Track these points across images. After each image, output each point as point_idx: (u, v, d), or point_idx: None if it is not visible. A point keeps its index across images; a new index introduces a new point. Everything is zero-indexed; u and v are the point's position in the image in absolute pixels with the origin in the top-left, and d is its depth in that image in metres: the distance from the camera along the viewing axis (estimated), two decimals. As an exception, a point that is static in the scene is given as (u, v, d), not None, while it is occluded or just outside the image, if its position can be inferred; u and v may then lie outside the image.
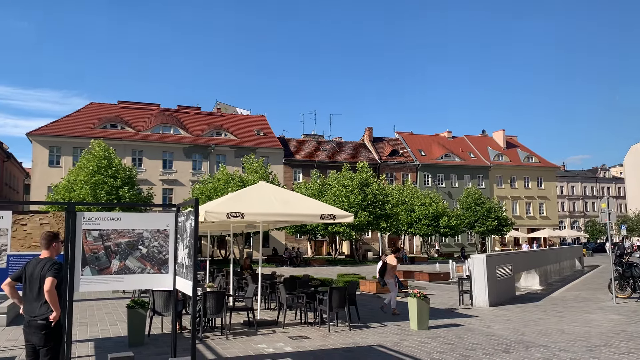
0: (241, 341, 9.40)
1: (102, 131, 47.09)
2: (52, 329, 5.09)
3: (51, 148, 45.74)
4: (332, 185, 42.43)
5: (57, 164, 45.65)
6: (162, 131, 50.44)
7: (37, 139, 45.43)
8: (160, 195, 47.44)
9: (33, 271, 5.19)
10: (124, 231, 7.05)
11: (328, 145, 59.69)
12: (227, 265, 30.42)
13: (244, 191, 12.43)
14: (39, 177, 44.93)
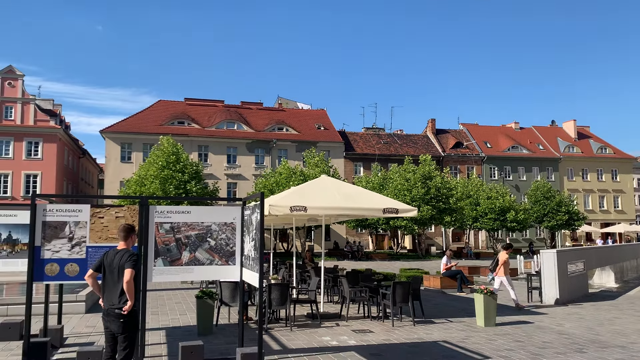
0: (305, 333, 9.51)
1: (170, 128, 48.86)
2: (130, 318, 5.33)
3: (123, 144, 47.94)
4: (393, 179, 42.01)
5: (128, 160, 47.81)
6: (226, 127, 51.71)
7: (109, 136, 47.75)
8: (225, 189, 48.69)
9: (112, 261, 5.45)
10: (194, 224, 7.29)
11: (389, 138, 59.14)
12: (289, 258, 30.84)
13: (306, 185, 12.53)
14: (112, 172, 47.24)
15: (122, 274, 5.31)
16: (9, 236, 8.99)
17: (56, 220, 6.89)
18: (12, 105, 46.20)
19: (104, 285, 5.51)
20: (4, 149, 45.66)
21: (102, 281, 5.54)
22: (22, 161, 45.79)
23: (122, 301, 5.30)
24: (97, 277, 5.60)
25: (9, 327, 8.73)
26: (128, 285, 5.20)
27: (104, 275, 5.50)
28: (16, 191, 45.38)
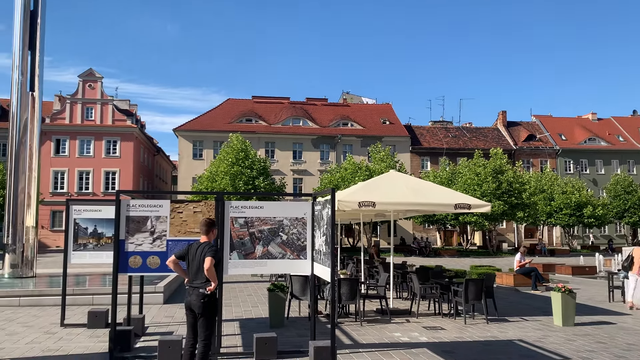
0: (375, 328, 9.51)
1: (239, 125, 50.14)
2: (210, 300, 5.59)
3: (194, 142, 49.69)
4: (462, 174, 41.03)
5: (199, 157, 49.51)
6: (292, 123, 52.42)
7: (182, 134, 49.63)
8: (291, 185, 49.39)
9: (195, 253, 5.73)
10: (266, 219, 7.46)
11: (457, 131, 57.78)
12: (355, 253, 30.86)
13: (374, 180, 12.49)
14: (185, 169, 49.09)
15: (203, 264, 5.57)
16: (95, 230, 9.58)
17: (139, 215, 7.26)
18: (92, 106, 48.98)
19: (189, 275, 5.80)
20: (86, 148, 48.49)
21: (187, 271, 5.84)
22: (102, 159, 48.48)
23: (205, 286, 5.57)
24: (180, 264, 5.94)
25: (96, 316, 9.30)
26: (209, 272, 5.46)
27: (188, 265, 5.80)
28: (97, 187, 48.12)
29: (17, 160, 16.48)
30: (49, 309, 11.30)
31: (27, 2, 16.65)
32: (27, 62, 16.65)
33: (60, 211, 46.49)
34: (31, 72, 16.75)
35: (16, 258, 16.21)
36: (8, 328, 9.26)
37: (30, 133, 16.68)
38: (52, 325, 9.47)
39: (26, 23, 16.59)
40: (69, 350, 7.63)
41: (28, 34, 16.62)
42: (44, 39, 17.06)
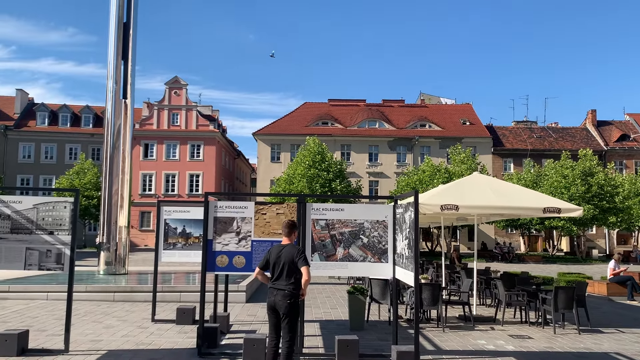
0: (459, 335, 9.24)
1: (315, 128, 50.69)
2: (295, 301, 5.67)
3: (272, 145, 50.81)
4: (549, 176, 39.06)
5: (277, 160, 50.56)
6: (368, 125, 52.29)
7: (261, 138, 50.92)
8: (367, 188, 49.25)
9: (278, 256, 5.79)
10: (347, 221, 7.46)
11: (543, 131, 55.14)
12: (433, 258, 30.26)
13: (457, 183, 12.17)
14: (263, 172, 50.31)
15: (289, 266, 5.63)
16: (183, 230, 10.01)
17: (225, 216, 7.50)
18: (177, 112, 51.41)
19: (272, 277, 5.86)
20: (172, 152, 50.94)
21: (270, 273, 5.88)
22: (187, 162, 50.74)
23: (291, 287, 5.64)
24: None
25: (184, 312, 9.70)
26: (306, 284, 5.61)
27: (271, 270, 5.85)
28: (182, 189, 50.40)
29: (112, 163, 17.58)
30: (140, 305, 11.93)
31: (120, 14, 17.75)
32: (120, 71, 17.74)
33: (148, 212, 49.18)
34: (124, 80, 17.82)
35: (110, 256, 17.28)
36: (105, 321, 9.87)
37: (123, 138, 17.75)
38: (144, 320, 9.99)
39: (119, 34, 17.69)
40: (159, 344, 8.00)
41: (121, 45, 17.71)
42: (135, 49, 18.11)
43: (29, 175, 51.02)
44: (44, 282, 13.59)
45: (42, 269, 7.50)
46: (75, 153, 51.35)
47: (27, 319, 10.05)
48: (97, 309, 11.35)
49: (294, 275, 5.66)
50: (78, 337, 8.35)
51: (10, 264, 7.44)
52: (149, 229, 49.30)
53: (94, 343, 8.00)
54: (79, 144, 52.14)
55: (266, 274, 5.96)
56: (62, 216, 7.53)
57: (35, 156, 51.69)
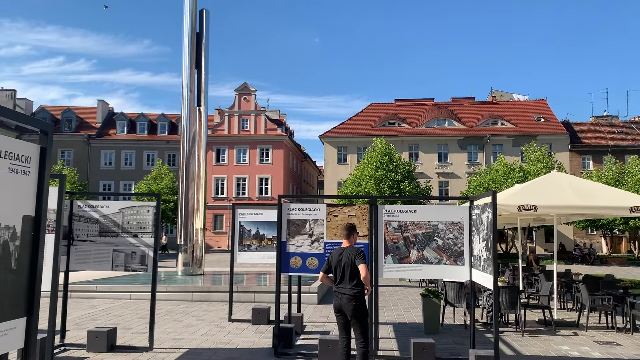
0: (539, 340, 8.87)
1: (382, 129, 50.35)
2: (361, 303, 5.67)
3: (339, 147, 50.96)
4: (633, 173, 36.70)
5: (344, 162, 50.64)
6: (436, 125, 51.33)
7: (327, 140, 51.20)
8: (437, 188, 48.30)
9: (339, 259, 5.85)
10: (421, 223, 7.36)
11: (625, 126, 51.90)
12: (508, 260, 29.23)
13: (535, 182, 11.70)
14: (330, 174, 50.54)
15: (351, 268, 5.66)
16: (257, 232, 10.23)
17: (298, 218, 7.61)
18: (247, 117, 52.71)
19: (336, 280, 5.92)
20: (242, 156, 52.28)
21: (333, 276, 5.96)
22: (256, 166, 51.89)
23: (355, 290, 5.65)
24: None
25: (259, 312, 9.92)
26: (366, 279, 5.58)
27: (335, 272, 5.91)
28: (252, 192, 51.58)
29: (187, 168, 18.29)
30: (216, 304, 12.32)
31: (193, 25, 18.46)
32: (194, 79, 18.44)
33: (220, 215, 50.72)
34: (198, 88, 18.51)
35: (187, 257, 17.97)
36: (185, 320, 10.27)
37: (197, 144, 18.43)
38: (221, 320, 10.31)
39: (193, 44, 18.39)
40: (237, 343, 8.23)
41: (195, 54, 18.40)
42: (208, 58, 18.76)
43: (110, 181, 54.00)
44: (126, 282, 14.33)
45: (127, 270, 7.91)
46: (152, 159, 53.82)
47: (114, 317, 10.63)
48: (176, 308, 11.83)
49: (356, 277, 5.70)
50: (161, 335, 8.73)
51: (98, 265, 7.90)
52: (221, 231, 50.84)
53: (176, 341, 8.35)
54: (155, 150, 54.62)
55: (331, 276, 6.04)
56: (145, 219, 7.91)
57: (115, 163, 54.66)
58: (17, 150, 2.82)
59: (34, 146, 2.95)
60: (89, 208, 7.96)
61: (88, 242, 7.89)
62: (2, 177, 2.73)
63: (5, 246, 2.73)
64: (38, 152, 2.96)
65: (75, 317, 10.40)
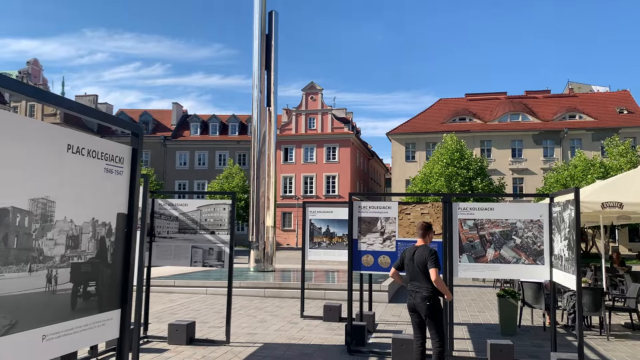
0: (627, 345, 8.36)
1: (452, 125, 49.24)
2: (435, 302, 5.58)
3: (407, 145, 50.34)
4: None
5: (412, 159, 49.96)
6: (509, 119, 49.57)
7: (395, 138, 50.72)
8: (511, 185, 46.62)
9: (411, 258, 5.77)
10: (497, 221, 7.14)
11: None
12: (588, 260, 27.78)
13: (619, 178, 11.04)
14: (398, 171, 50.03)
15: (422, 269, 5.58)
16: (327, 230, 10.31)
17: (369, 216, 7.59)
18: (314, 116, 53.17)
19: (407, 278, 5.86)
20: (309, 155, 52.81)
21: (406, 275, 5.90)
22: (323, 164, 52.26)
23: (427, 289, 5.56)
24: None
25: (330, 310, 9.99)
26: (437, 284, 5.49)
27: (407, 270, 5.85)
28: (319, 190, 52.00)
29: (258, 168, 18.71)
30: (288, 301, 12.52)
31: (262, 27, 18.83)
32: (264, 81, 18.82)
33: (289, 213, 51.52)
34: (267, 89, 18.88)
35: (259, 254, 18.38)
36: (258, 316, 10.52)
37: (268, 143, 18.81)
38: (293, 316, 10.47)
39: (263, 46, 18.77)
40: (310, 340, 8.33)
41: (264, 56, 18.78)
42: (277, 60, 19.09)
43: (185, 180, 56.21)
44: (202, 277, 14.86)
45: (205, 266, 8.20)
46: (224, 159, 55.51)
47: (191, 311, 11.05)
48: (250, 304, 12.13)
49: (426, 277, 5.59)
50: (236, 329, 8.98)
51: (178, 260, 8.25)
52: (290, 229, 51.64)
53: (251, 336, 8.57)
54: (227, 150, 56.30)
55: (402, 274, 5.98)
56: (221, 217, 8.17)
57: (189, 163, 56.85)
58: (112, 152, 3.01)
59: (126, 147, 3.12)
60: (169, 206, 8.32)
61: (168, 239, 8.25)
62: (99, 176, 2.92)
63: (102, 242, 2.91)
64: (130, 153, 3.14)
65: (155, 310, 10.90)
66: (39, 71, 54.15)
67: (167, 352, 7.33)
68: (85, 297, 2.85)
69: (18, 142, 2.48)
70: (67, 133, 2.78)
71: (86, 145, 2.84)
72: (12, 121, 2.51)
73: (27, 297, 2.53)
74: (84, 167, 2.83)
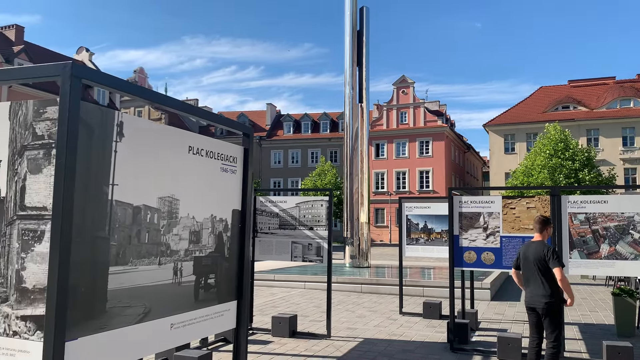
0: None
1: (554, 114, 46.48)
2: (553, 302, 5.30)
3: (505, 136, 48.21)
4: None
5: (512, 151, 47.77)
6: (619, 105, 45.89)
7: (492, 129, 48.76)
8: (622, 176, 43.17)
9: (526, 255, 5.50)
10: (612, 215, 6.68)
11: None
12: None
13: None
14: (496, 164, 48.07)
15: (540, 267, 5.31)
16: (425, 226, 10.16)
17: (471, 212, 7.38)
18: (405, 110, 52.49)
19: (524, 277, 5.60)
20: (401, 150, 52.22)
21: (522, 273, 5.63)
22: (416, 159, 51.43)
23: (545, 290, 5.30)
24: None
25: (430, 307, 9.83)
26: (563, 284, 5.22)
27: (523, 268, 5.59)
28: (412, 186, 51.28)
29: (352, 164, 18.83)
30: (385, 297, 12.49)
31: (354, 24, 18.89)
32: (355, 77, 18.88)
33: (381, 209, 51.31)
34: (359, 86, 18.92)
35: (354, 250, 18.51)
36: (357, 311, 10.60)
37: (360, 140, 18.87)
38: (392, 312, 10.43)
39: (354, 43, 18.83)
40: (410, 336, 8.26)
41: (356, 52, 18.83)
42: (369, 55, 19.07)
43: (279, 178, 57.83)
44: (299, 272, 15.22)
45: (305, 261, 8.40)
46: (316, 156, 56.40)
47: (291, 305, 11.37)
48: (347, 299, 12.25)
49: (544, 275, 5.30)
50: (335, 324, 9.11)
51: (279, 255, 8.52)
52: (383, 225, 51.41)
53: (351, 330, 8.66)
54: (318, 148, 57.16)
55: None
56: (319, 213, 8.32)
57: (283, 161, 58.40)
58: (226, 152, 3.19)
59: (239, 147, 3.29)
60: (270, 203, 8.61)
61: (270, 235, 8.54)
62: (215, 175, 3.11)
63: (220, 237, 3.10)
64: (242, 153, 3.30)
65: (258, 303, 11.34)
66: (144, 79, 58.08)
67: (272, 344, 7.59)
68: (206, 288, 3.05)
69: (148, 145, 2.71)
70: (188, 135, 2.99)
71: (204, 147, 3.04)
72: (143, 126, 2.74)
73: (157, 288, 2.76)
74: (203, 166, 3.03)
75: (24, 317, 2.27)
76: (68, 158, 2.17)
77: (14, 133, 2.39)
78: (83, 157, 2.31)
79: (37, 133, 2.32)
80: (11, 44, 39.97)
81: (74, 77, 2.20)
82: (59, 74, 2.23)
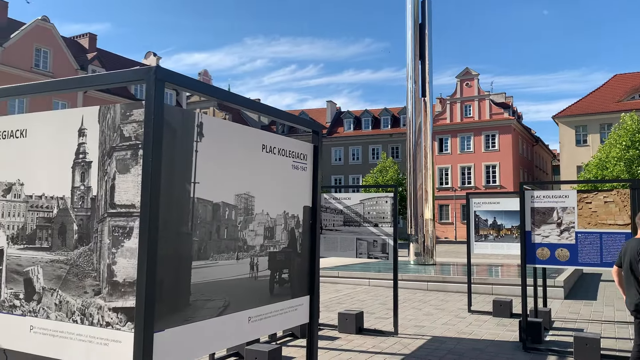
0: None
1: (631, 103, 43.92)
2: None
3: (577, 127, 46.06)
4: None
5: (584, 143, 45.59)
6: None
7: (562, 121, 46.70)
8: None
9: (624, 252, 5.21)
10: (701, 209, 6.23)
11: None
12: None
13: None
14: (567, 157, 46.00)
15: (631, 266, 5.01)
16: (494, 222, 9.90)
17: (543, 207, 7.11)
18: (470, 103, 51.20)
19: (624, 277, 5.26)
20: (466, 144, 51.01)
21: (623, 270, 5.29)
22: (481, 153, 50.07)
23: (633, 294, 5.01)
24: None
25: (500, 305, 9.57)
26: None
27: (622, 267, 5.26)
28: (478, 181, 49.99)
29: (415, 160, 18.60)
30: (452, 295, 12.27)
31: (416, 17, 18.62)
32: (418, 71, 18.61)
33: (446, 205, 50.36)
34: (422, 79, 18.64)
35: (418, 247, 18.29)
36: (424, 309, 10.48)
37: (424, 135, 18.60)
38: (460, 310, 10.24)
39: (416, 36, 18.56)
40: (480, 335, 8.08)
41: (418, 46, 18.56)
42: (431, 48, 18.75)
43: (340, 175, 57.95)
44: (363, 269, 15.21)
45: (370, 257, 8.39)
46: (377, 153, 56.07)
47: (356, 302, 11.39)
48: (413, 296, 12.13)
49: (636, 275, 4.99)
50: (402, 321, 9.05)
51: (344, 252, 8.55)
52: (447, 221, 50.45)
53: (418, 328, 8.57)
54: (379, 144, 56.79)
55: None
56: (384, 210, 8.29)
57: (344, 158, 58.46)
58: (297, 149, 3.25)
59: (309, 145, 3.35)
60: (334, 200, 8.66)
61: (334, 231, 8.59)
62: (287, 172, 3.18)
63: (292, 233, 3.16)
64: (312, 150, 3.36)
65: (324, 299, 11.44)
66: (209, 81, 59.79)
67: (339, 340, 7.65)
68: (281, 283, 3.13)
69: (225, 144, 2.82)
70: (261, 134, 3.08)
71: (277, 145, 3.13)
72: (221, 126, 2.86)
73: (235, 282, 2.86)
74: (276, 164, 3.12)
75: (115, 308, 2.42)
76: (154, 158, 2.30)
77: (103, 135, 2.55)
78: (167, 156, 2.44)
79: (124, 135, 2.47)
80: (85, 52, 42.26)
81: (159, 80, 2.33)
82: (144, 78, 2.35)
